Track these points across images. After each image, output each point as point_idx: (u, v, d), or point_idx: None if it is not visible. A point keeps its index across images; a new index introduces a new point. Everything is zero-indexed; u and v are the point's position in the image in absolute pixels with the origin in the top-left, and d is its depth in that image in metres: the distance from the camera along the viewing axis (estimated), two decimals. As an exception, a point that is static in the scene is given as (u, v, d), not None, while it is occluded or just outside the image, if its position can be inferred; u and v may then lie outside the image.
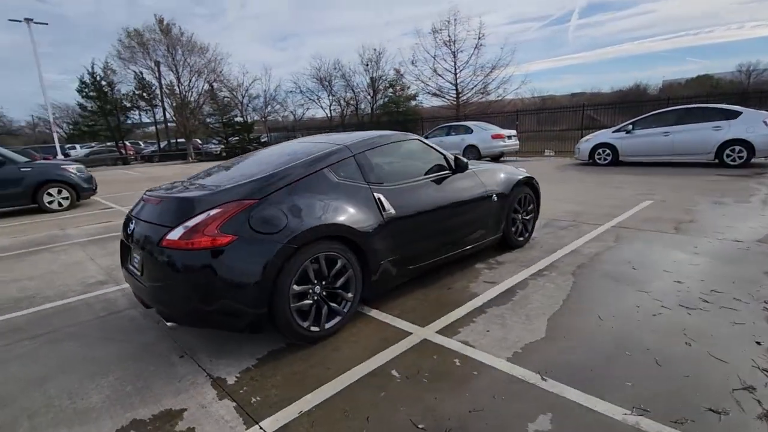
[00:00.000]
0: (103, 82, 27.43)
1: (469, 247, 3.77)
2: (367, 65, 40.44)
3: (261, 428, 1.91)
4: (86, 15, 72.64)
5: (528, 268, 3.79)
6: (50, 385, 2.38)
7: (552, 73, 76.51)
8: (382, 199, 3.00)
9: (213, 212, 2.38)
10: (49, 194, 8.57)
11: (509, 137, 14.88)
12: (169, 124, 30.49)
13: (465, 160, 3.62)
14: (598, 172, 10.23)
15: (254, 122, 32.65)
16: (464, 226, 3.67)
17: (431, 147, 3.66)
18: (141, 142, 36.01)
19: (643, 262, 3.77)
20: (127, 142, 34.87)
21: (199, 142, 33.24)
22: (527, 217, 4.51)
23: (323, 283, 2.66)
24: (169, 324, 2.44)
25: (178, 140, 31.37)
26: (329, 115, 45.14)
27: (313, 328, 2.60)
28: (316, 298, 2.62)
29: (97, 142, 29.73)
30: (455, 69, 25.57)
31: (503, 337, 2.61)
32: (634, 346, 2.42)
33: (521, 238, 4.42)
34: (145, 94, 29.23)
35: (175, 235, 2.34)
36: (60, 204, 8.71)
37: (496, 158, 15.43)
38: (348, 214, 2.75)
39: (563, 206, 6.38)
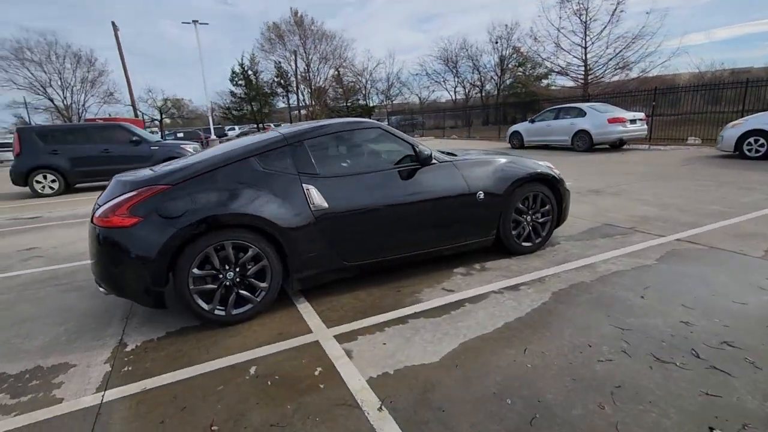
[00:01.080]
0: (250, 72, 31.64)
1: (442, 248, 3.41)
2: (497, 43, 38.23)
3: (103, 396, 2.09)
4: (258, 13, 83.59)
5: (507, 280, 3.26)
6: (27, 324, 2.96)
7: (748, 40, 60.67)
8: (313, 191, 2.89)
9: (128, 195, 2.62)
10: (170, 168, 10.36)
11: (633, 121, 12.60)
12: (301, 108, 33.66)
13: (428, 151, 3.22)
14: (735, 168, 8.05)
15: (375, 106, 33.93)
16: (432, 226, 3.32)
17: (398, 137, 3.35)
18: (281, 124, 40.66)
19: (667, 290, 2.90)
20: (271, 124, 39.72)
21: None
22: (540, 220, 3.84)
23: (237, 270, 2.73)
24: (101, 290, 2.79)
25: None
26: (453, 97, 44.32)
27: (217, 312, 2.70)
28: (226, 283, 2.70)
29: (246, 125, 34.60)
30: (585, 42, 22.47)
31: (393, 353, 2.33)
32: (525, 394, 1.93)
33: (528, 244, 3.80)
34: (282, 81, 32.81)
35: (99, 212, 2.65)
36: (178, 177, 10.46)
37: (616, 146, 13.29)
38: (262, 205, 2.73)
39: (638, 209, 5.24)
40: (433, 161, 3.32)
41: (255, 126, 33.46)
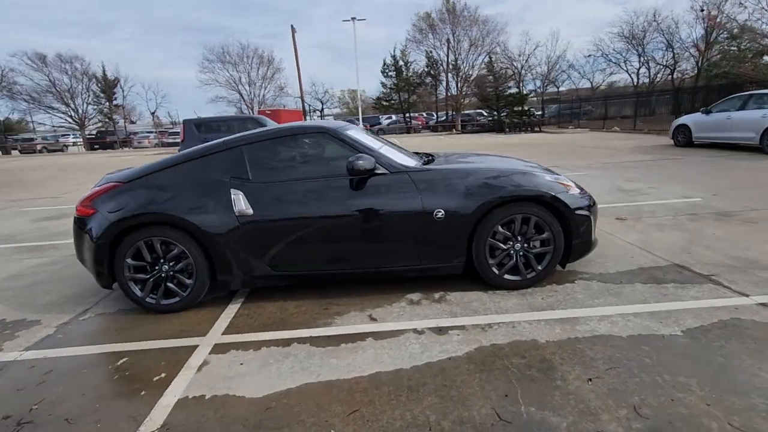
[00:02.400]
0: (401, 62, 32.69)
1: (390, 268, 3.05)
2: (702, 10, 30.87)
3: (20, 354, 2.57)
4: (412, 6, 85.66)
5: (448, 318, 2.72)
6: (42, 286, 3.79)
7: None
8: (240, 197, 2.91)
9: (94, 190, 3.09)
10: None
11: None
12: (448, 97, 33.34)
13: (360, 163, 2.81)
14: None
15: (528, 94, 31.25)
16: (375, 243, 2.98)
17: (347, 143, 3.04)
18: (433, 113, 41.09)
19: (640, 383, 2.00)
20: (423, 114, 40.67)
21: (485, 113, 34.43)
22: (535, 250, 3.05)
23: (169, 264, 2.97)
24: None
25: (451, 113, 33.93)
26: (634, 81, 37.84)
27: (148, 300, 2.99)
28: (158, 275, 2.97)
29: (394, 114, 36.16)
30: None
31: (235, 376, 2.21)
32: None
33: (514, 278, 3.07)
34: (431, 71, 32.95)
35: (77, 201, 3.19)
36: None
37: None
38: (187, 207, 2.88)
39: (762, 247, 3.68)
40: (380, 171, 2.95)
41: (402, 116, 34.58)
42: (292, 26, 30.29)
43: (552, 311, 2.75)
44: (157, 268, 2.96)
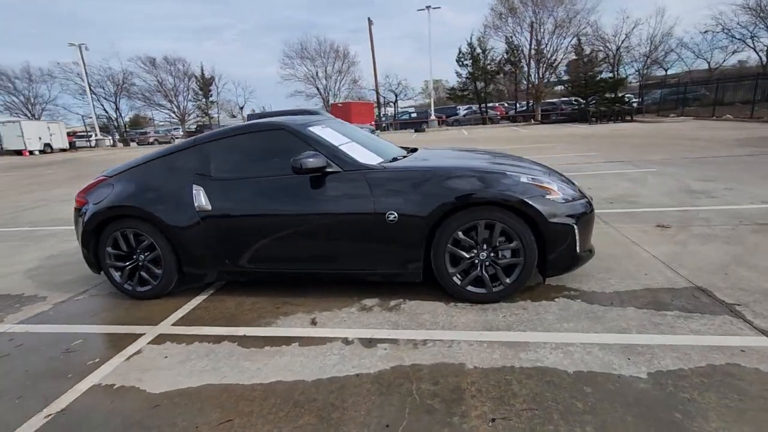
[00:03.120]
0: (477, 50, 31.22)
1: (345, 271, 2.93)
2: None
3: (11, 327, 2.93)
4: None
5: (388, 330, 2.52)
6: (68, 267, 4.25)
7: None
8: (201, 192, 2.98)
9: (89, 183, 3.38)
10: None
11: None
12: (528, 85, 31.20)
13: (306, 161, 2.67)
14: None
15: (622, 79, 27.95)
16: (327, 244, 2.87)
17: (305, 140, 2.93)
18: (514, 103, 38.85)
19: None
20: (505, 104, 38.74)
21: (573, 102, 31.46)
22: (502, 261, 2.70)
23: (145, 254, 3.16)
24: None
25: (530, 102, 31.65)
26: (763, 60, 32.23)
27: (126, 286, 3.22)
28: (137, 264, 3.18)
29: (470, 104, 34.83)
30: None
31: (152, 368, 2.28)
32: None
33: (478, 290, 2.75)
34: (511, 58, 31.02)
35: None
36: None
37: None
38: (153, 201, 3.03)
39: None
40: (332, 169, 2.82)
41: (478, 106, 33.07)
42: (369, 19, 30.74)
43: (506, 332, 2.41)
44: (134, 257, 3.17)
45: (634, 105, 26.90)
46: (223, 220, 2.95)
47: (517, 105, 35.26)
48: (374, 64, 31.54)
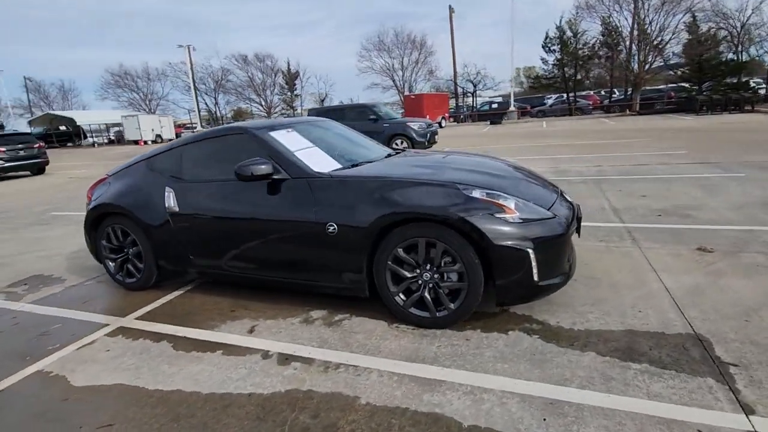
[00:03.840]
0: (568, 33, 28.44)
1: (294, 281, 2.87)
2: None
3: (23, 306, 3.37)
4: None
5: (309, 347, 2.42)
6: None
7: None
8: (171, 194, 3.12)
9: (97, 180, 3.74)
10: (396, 144, 11.68)
11: None
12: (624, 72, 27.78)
13: (247, 168, 2.62)
14: None
15: (747, 62, 23.59)
16: (275, 252, 2.84)
17: (262, 146, 2.89)
18: (602, 92, 34.99)
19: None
20: (602, 91, 35.22)
21: (686, 86, 27.12)
22: (446, 284, 2.43)
23: (132, 249, 3.43)
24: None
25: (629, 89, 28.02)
26: None
27: (118, 277, 3.51)
28: (126, 257, 3.46)
29: (555, 94, 32.08)
30: None
31: (88, 361, 2.46)
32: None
33: (421, 314, 2.51)
34: (608, 40, 27.81)
35: (89, 190, 3.90)
36: (401, 152, 11.69)
37: None
38: (135, 200, 3.25)
39: None
40: (280, 176, 2.75)
41: (566, 95, 30.18)
42: (450, 7, 29.80)
43: (427, 366, 2.16)
44: (125, 251, 3.45)
45: (761, 92, 22.63)
46: (184, 220, 3.08)
47: (614, 93, 31.71)
48: (453, 53, 30.66)
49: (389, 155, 3.50)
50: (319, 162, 2.90)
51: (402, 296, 2.55)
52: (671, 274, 3.03)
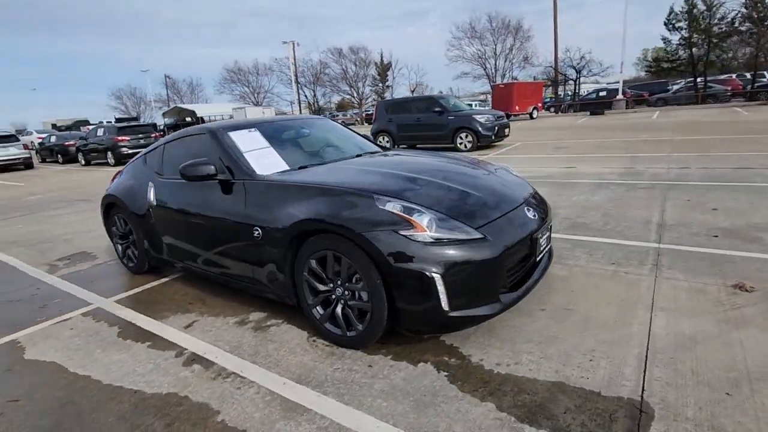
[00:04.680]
0: (700, 7, 23.89)
1: (234, 281, 2.90)
2: None
3: (53, 280, 3.93)
4: None
5: (220, 351, 2.41)
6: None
7: None
8: (151, 189, 3.35)
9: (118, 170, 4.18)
10: (461, 138, 11.14)
11: None
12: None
13: (186, 167, 2.67)
14: None
15: None
16: (216, 249, 2.89)
17: (218, 146, 2.92)
18: (748, 75, 28.90)
19: None
20: (747, 75, 29.51)
21: None
22: (353, 303, 2.24)
23: (131, 236, 3.79)
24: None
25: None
26: None
27: (123, 260, 3.90)
28: (128, 243, 3.84)
29: (680, 79, 27.37)
30: None
31: (55, 339, 2.77)
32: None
33: (334, 329, 2.35)
34: (753, 13, 22.80)
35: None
36: (465, 146, 11.12)
37: None
38: (129, 192, 3.56)
39: None
40: (224, 177, 2.76)
41: (694, 80, 25.29)
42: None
43: (309, 391, 2.01)
44: (129, 237, 3.82)
45: None
46: (158, 213, 3.29)
47: (764, 77, 26.08)
48: (555, 35, 28.08)
49: (359, 155, 3.32)
50: (267, 164, 2.86)
51: (320, 309, 2.41)
52: (670, 315, 2.40)
